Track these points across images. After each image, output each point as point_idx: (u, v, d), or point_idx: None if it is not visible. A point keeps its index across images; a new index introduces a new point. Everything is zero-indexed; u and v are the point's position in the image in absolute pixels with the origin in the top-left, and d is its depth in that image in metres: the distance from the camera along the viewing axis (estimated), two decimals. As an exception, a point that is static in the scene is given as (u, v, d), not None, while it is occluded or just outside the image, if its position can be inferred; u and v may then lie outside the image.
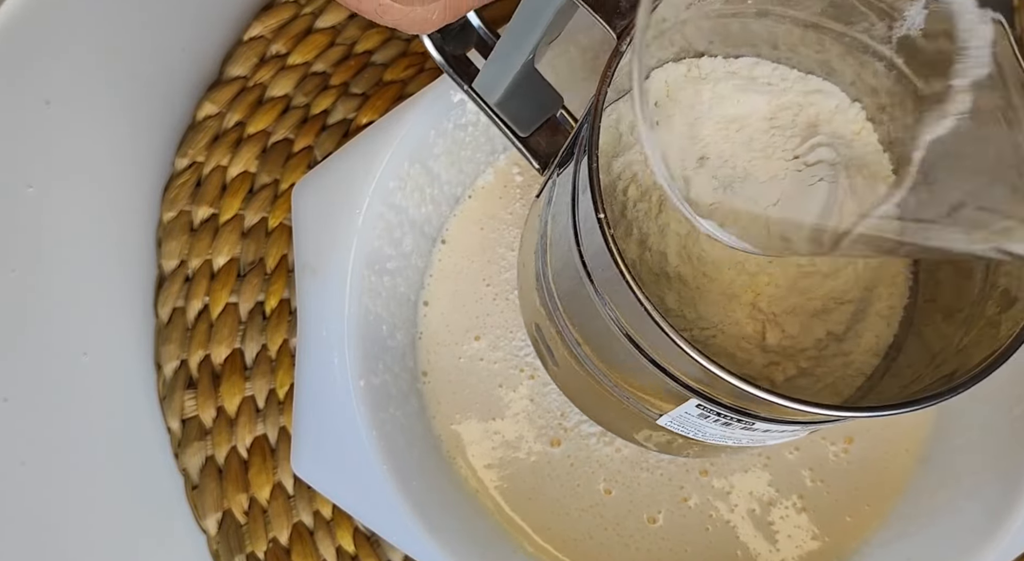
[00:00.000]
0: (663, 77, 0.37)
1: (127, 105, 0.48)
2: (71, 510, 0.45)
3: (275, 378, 0.45)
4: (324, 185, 0.41)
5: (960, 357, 0.31)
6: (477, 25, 0.36)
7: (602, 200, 0.28)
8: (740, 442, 0.34)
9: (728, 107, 0.37)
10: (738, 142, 0.36)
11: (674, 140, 0.36)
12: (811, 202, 0.36)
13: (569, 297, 0.34)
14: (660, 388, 0.32)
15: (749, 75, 0.37)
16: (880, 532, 0.43)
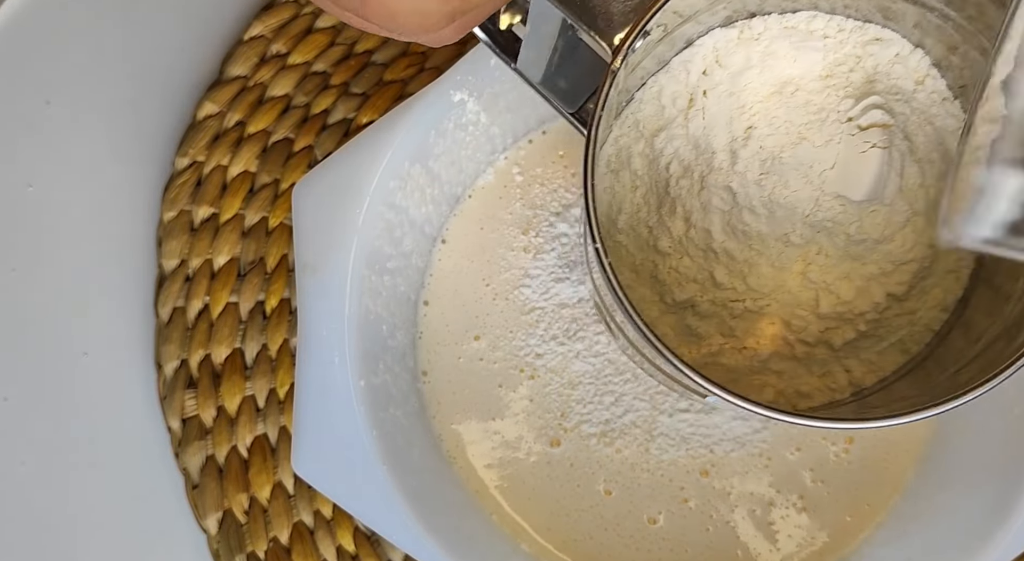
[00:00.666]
0: (711, 43, 0.36)
1: (127, 105, 0.48)
2: (71, 510, 0.45)
3: (275, 378, 0.45)
4: (324, 185, 0.41)
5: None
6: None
7: (599, 228, 0.28)
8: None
9: (783, 67, 0.36)
10: (792, 106, 0.36)
11: (720, 113, 0.36)
12: (866, 167, 0.35)
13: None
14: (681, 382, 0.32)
15: (807, 29, 0.36)
16: (880, 532, 0.43)
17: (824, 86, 0.36)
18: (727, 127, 0.36)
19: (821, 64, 0.36)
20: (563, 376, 0.44)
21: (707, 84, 0.36)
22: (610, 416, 0.43)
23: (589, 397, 0.44)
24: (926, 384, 0.34)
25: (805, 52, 0.36)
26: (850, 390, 0.36)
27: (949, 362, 0.34)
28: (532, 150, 0.46)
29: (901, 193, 0.35)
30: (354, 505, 0.40)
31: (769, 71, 0.36)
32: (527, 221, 0.45)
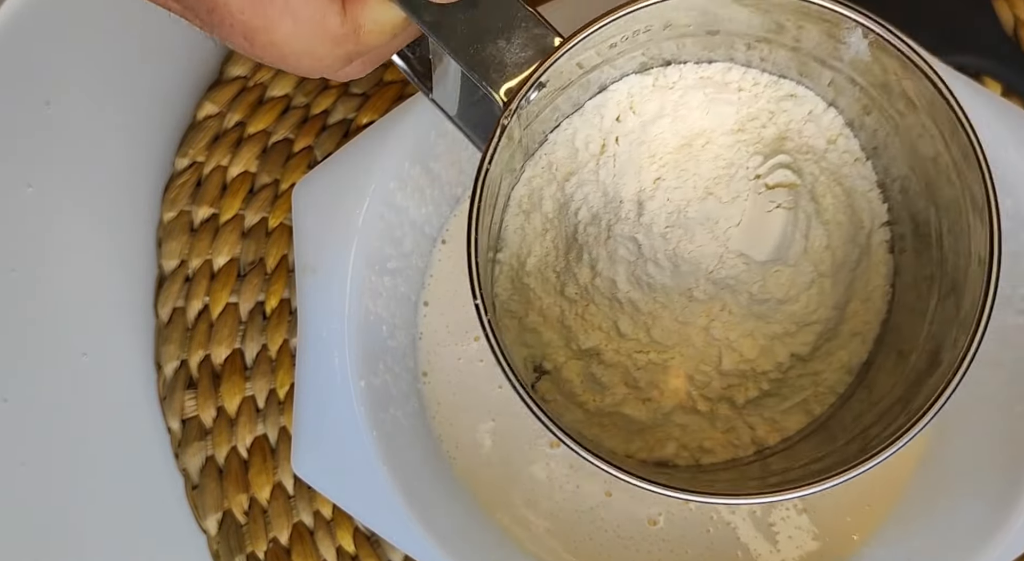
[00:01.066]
0: (626, 89, 0.36)
1: (127, 105, 0.48)
2: (71, 510, 0.45)
3: (275, 378, 0.45)
4: (324, 185, 0.41)
5: (892, 412, 0.31)
6: None
7: (481, 286, 0.27)
8: None
9: (696, 119, 0.36)
10: (702, 159, 0.35)
11: (631, 161, 0.36)
12: (771, 227, 0.35)
13: None
14: None
15: (722, 81, 0.36)
16: (880, 532, 0.42)
17: (735, 141, 0.35)
18: (636, 176, 0.35)
19: (734, 118, 0.35)
20: (563, 376, 0.44)
21: (620, 130, 0.35)
22: (610, 417, 0.43)
23: (589, 398, 0.44)
24: (828, 446, 0.34)
25: (718, 104, 0.35)
26: (753, 448, 0.36)
27: (850, 425, 0.34)
28: (532, 150, 0.46)
29: (806, 254, 0.35)
30: (354, 505, 0.40)
31: (681, 121, 0.35)
32: (527, 221, 0.45)
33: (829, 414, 0.36)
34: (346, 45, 0.28)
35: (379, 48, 0.29)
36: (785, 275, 0.35)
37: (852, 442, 0.32)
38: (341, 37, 0.27)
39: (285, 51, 0.27)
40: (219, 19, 0.26)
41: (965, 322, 0.29)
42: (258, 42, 0.27)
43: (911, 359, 0.33)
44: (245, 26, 0.26)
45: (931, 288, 0.33)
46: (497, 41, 0.28)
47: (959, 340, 0.29)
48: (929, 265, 0.33)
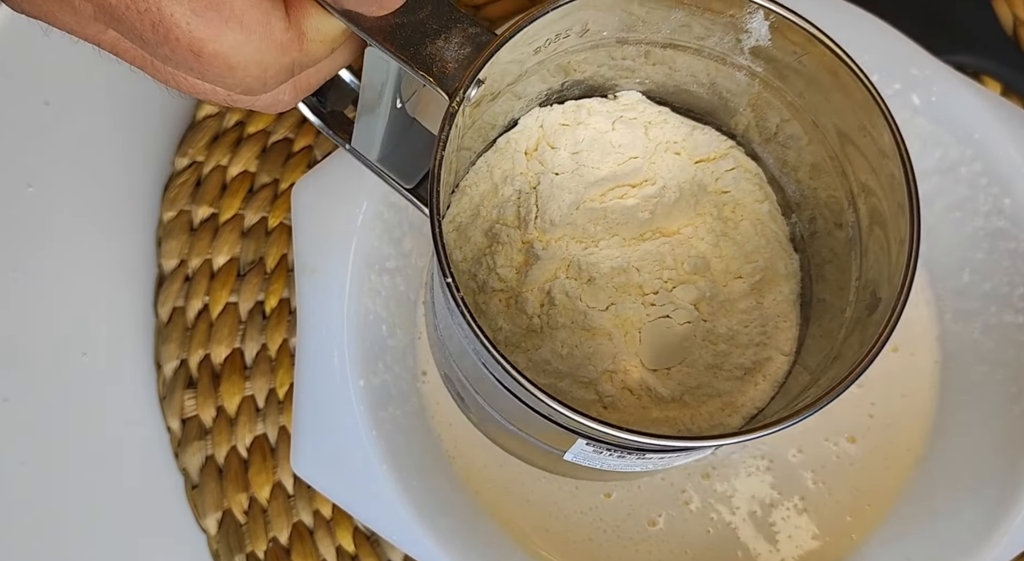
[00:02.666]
0: (536, 123, 0.36)
1: (127, 105, 0.48)
2: (71, 510, 0.45)
3: (275, 378, 0.45)
4: (324, 185, 0.41)
5: (837, 366, 0.31)
6: (349, 80, 0.35)
7: (450, 266, 0.28)
8: (646, 467, 0.34)
9: (602, 156, 0.36)
10: (611, 197, 0.37)
11: (547, 195, 0.36)
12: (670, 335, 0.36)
13: (457, 350, 0.34)
14: (551, 430, 0.32)
15: (628, 116, 0.37)
16: (880, 531, 0.42)
17: (641, 179, 0.37)
18: (550, 212, 0.36)
19: (640, 150, 0.37)
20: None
21: (535, 167, 0.36)
22: (610, 417, 0.43)
23: (589, 397, 0.44)
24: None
25: (625, 136, 0.36)
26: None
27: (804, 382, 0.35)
28: (532, 150, 0.46)
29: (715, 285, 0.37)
30: (354, 505, 0.40)
31: (591, 156, 0.36)
32: (527, 221, 0.45)
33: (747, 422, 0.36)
34: (291, 52, 0.27)
35: (319, 60, 0.29)
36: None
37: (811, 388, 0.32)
38: (286, 43, 0.27)
39: (232, 61, 0.26)
40: (163, 34, 0.26)
41: (895, 262, 0.30)
42: (205, 53, 0.26)
43: (840, 321, 0.34)
44: (191, 37, 0.25)
45: (849, 255, 0.34)
46: (436, 41, 0.29)
47: (893, 278, 0.30)
48: (843, 233, 0.34)
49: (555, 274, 0.36)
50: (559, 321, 0.35)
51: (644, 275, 0.36)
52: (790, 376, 0.36)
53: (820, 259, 0.36)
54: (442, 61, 0.29)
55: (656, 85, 0.36)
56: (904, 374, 0.44)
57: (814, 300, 0.36)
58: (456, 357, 0.36)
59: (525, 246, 0.36)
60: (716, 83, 0.35)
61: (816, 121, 0.33)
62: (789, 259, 0.37)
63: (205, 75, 0.27)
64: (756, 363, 0.36)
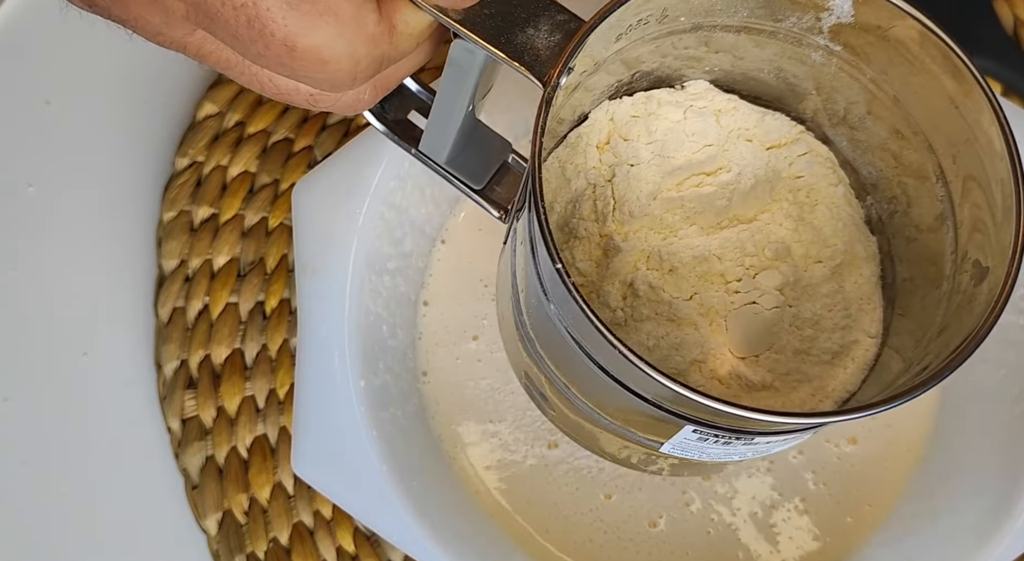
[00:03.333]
0: (606, 116, 0.36)
1: (127, 104, 0.48)
2: (71, 510, 0.45)
3: (275, 378, 0.45)
4: (324, 185, 0.41)
5: (940, 342, 0.31)
6: (415, 89, 0.36)
7: (557, 250, 0.28)
8: (745, 456, 0.34)
9: (677, 146, 0.36)
10: (688, 185, 0.37)
11: (620, 191, 0.36)
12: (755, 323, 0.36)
13: (548, 343, 0.34)
14: (655, 420, 0.32)
15: (698, 105, 0.37)
16: (880, 532, 0.42)
17: (715, 168, 0.37)
18: (625, 206, 0.36)
19: (714, 139, 0.37)
20: (563, 377, 0.44)
21: (607, 159, 0.36)
22: (611, 417, 0.43)
23: (589, 398, 0.44)
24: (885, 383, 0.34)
25: (696, 126, 0.36)
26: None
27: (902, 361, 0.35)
28: (532, 150, 0.46)
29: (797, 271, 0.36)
30: (354, 505, 0.40)
31: (664, 148, 0.36)
32: (527, 221, 0.45)
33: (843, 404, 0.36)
34: (381, 45, 0.28)
35: (405, 54, 0.29)
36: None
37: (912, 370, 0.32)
38: (377, 36, 0.27)
39: (325, 55, 0.26)
40: (259, 29, 0.26)
41: (1000, 235, 0.30)
42: (299, 47, 0.26)
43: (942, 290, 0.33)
44: (286, 31, 0.26)
45: (940, 230, 0.34)
46: (526, 29, 0.29)
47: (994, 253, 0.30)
48: (932, 208, 0.34)
49: (636, 266, 0.36)
50: (643, 313, 0.35)
51: (726, 263, 0.36)
52: (880, 359, 0.35)
53: (902, 238, 0.36)
54: (533, 49, 0.29)
55: (722, 73, 0.36)
56: (904, 374, 0.44)
57: (897, 281, 0.36)
58: (547, 351, 0.35)
59: (603, 240, 0.36)
60: (783, 68, 0.35)
61: (899, 97, 0.33)
62: (867, 241, 0.36)
63: (296, 71, 0.27)
64: (843, 347, 0.35)
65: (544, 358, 0.35)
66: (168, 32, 0.28)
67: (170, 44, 0.28)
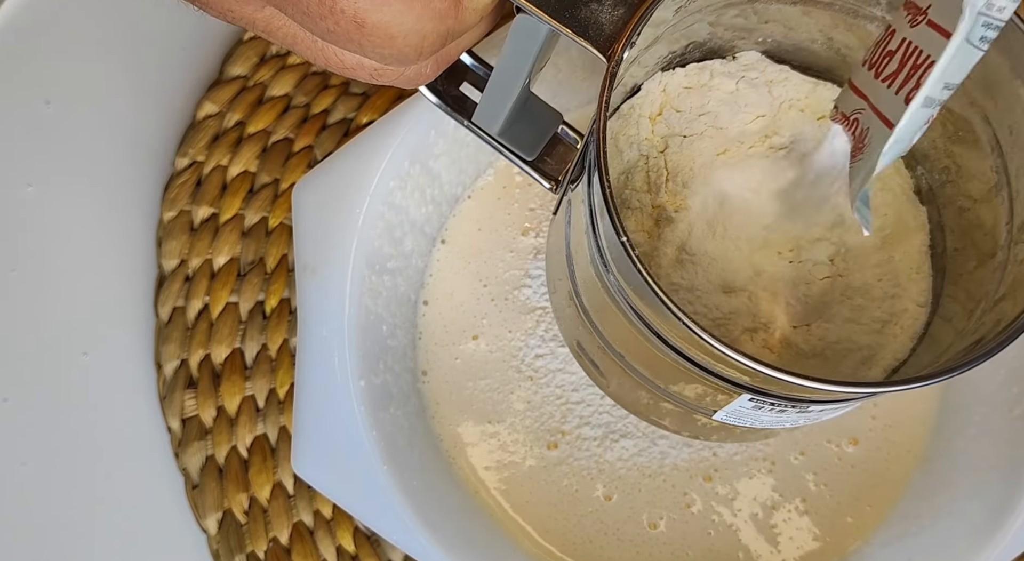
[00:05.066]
0: (659, 87, 0.36)
1: (127, 105, 0.48)
2: (71, 510, 0.45)
3: (275, 378, 0.45)
4: (324, 185, 0.41)
5: (996, 312, 0.31)
6: (469, 62, 0.36)
7: (622, 224, 0.28)
8: (797, 423, 0.34)
9: (730, 116, 0.36)
10: (738, 156, 0.36)
11: (674, 162, 0.36)
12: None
13: (604, 314, 0.34)
14: (712, 389, 0.32)
15: (749, 76, 0.37)
16: (881, 532, 0.42)
17: (769, 134, 0.37)
18: (681, 176, 0.36)
19: (767, 109, 0.37)
20: (563, 377, 0.44)
21: (660, 131, 0.36)
22: (611, 418, 0.43)
23: (590, 399, 0.44)
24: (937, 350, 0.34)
25: (748, 98, 0.36)
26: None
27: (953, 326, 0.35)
28: (532, 150, 0.46)
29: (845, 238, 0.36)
30: (354, 505, 0.40)
31: (717, 119, 0.36)
32: (527, 221, 0.45)
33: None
34: (447, 20, 0.28)
35: (469, 29, 0.29)
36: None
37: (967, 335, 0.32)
38: (444, 11, 0.27)
39: (394, 30, 0.27)
40: (329, 7, 0.26)
41: None
42: (369, 23, 0.26)
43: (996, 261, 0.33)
44: (356, 8, 0.26)
45: (995, 200, 0.33)
46: (589, 4, 0.30)
47: None
48: (986, 179, 0.34)
49: (689, 236, 0.36)
50: (696, 283, 0.35)
51: (778, 233, 0.36)
52: (930, 328, 0.35)
53: (954, 209, 0.36)
54: (597, 23, 0.29)
55: (774, 44, 0.36)
56: (905, 374, 0.44)
57: (948, 250, 0.36)
58: (601, 321, 0.35)
59: (656, 210, 0.36)
60: (833, 39, 0.35)
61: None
62: (917, 211, 0.37)
63: (364, 47, 0.27)
64: (892, 316, 0.35)
65: (598, 327, 0.35)
66: (238, 9, 0.28)
67: (238, 20, 0.29)
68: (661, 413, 0.38)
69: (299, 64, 0.48)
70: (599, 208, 0.29)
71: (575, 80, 0.44)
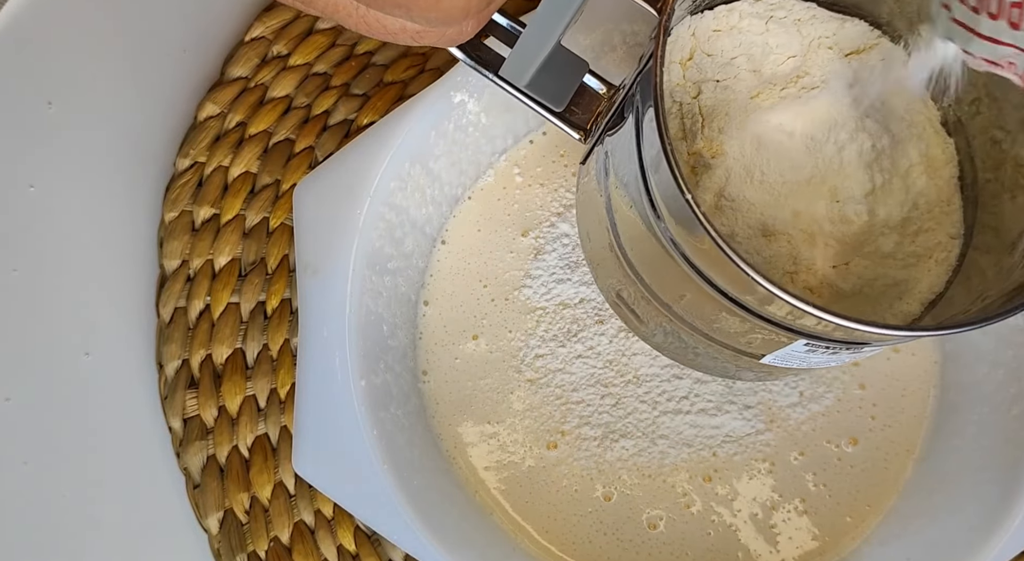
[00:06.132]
0: (688, 32, 0.36)
1: (129, 105, 0.48)
2: (73, 509, 0.45)
3: (276, 378, 0.46)
4: (325, 185, 0.41)
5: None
6: (500, 20, 0.36)
7: (686, 182, 0.27)
8: (844, 361, 0.34)
9: (764, 57, 0.36)
10: (775, 97, 0.36)
11: (716, 106, 0.36)
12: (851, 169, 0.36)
13: (652, 264, 0.34)
14: (766, 335, 0.32)
15: (777, 16, 0.36)
16: (880, 531, 0.42)
17: (801, 74, 0.36)
18: (721, 120, 0.36)
19: (797, 49, 0.36)
20: (563, 377, 0.44)
21: (693, 75, 0.36)
22: (611, 418, 0.43)
23: (589, 399, 0.44)
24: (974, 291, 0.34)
25: (779, 37, 0.36)
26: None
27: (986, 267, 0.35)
28: (532, 151, 0.46)
29: (887, 188, 0.36)
30: (355, 505, 0.40)
31: (751, 61, 0.36)
32: (528, 222, 0.45)
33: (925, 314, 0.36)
34: None
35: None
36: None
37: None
38: None
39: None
40: None
41: None
42: None
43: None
44: None
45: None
46: None
47: None
48: (1021, 100, 0.33)
49: (728, 181, 0.35)
50: (736, 228, 0.35)
51: (815, 172, 0.36)
52: (967, 259, 0.35)
53: (986, 139, 0.35)
54: None
55: None
56: (904, 374, 0.44)
57: (979, 181, 0.36)
58: (647, 272, 0.35)
59: (693, 157, 0.36)
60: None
61: None
62: (945, 143, 0.36)
63: (412, 10, 0.27)
64: (927, 249, 0.35)
65: (644, 278, 0.35)
66: None
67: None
68: (702, 359, 0.37)
69: (300, 65, 0.48)
70: (652, 163, 0.29)
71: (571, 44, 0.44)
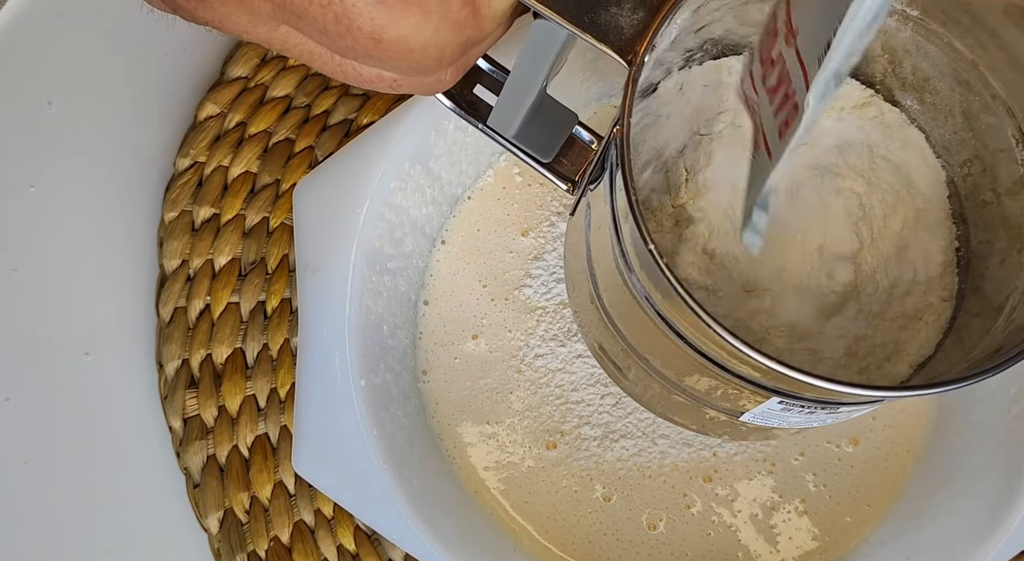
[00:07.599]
0: (675, 87, 0.36)
1: (129, 105, 0.48)
2: (73, 509, 0.45)
3: (276, 377, 0.46)
4: (325, 185, 0.41)
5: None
6: (484, 66, 0.36)
7: (650, 232, 0.28)
8: (825, 422, 0.34)
9: None
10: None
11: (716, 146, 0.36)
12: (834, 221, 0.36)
13: (627, 316, 0.34)
14: (740, 392, 0.32)
15: None
16: (880, 531, 0.42)
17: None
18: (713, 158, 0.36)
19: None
20: (563, 377, 0.44)
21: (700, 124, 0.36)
22: (611, 418, 0.43)
23: (589, 399, 0.44)
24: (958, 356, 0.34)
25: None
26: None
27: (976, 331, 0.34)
28: (532, 151, 0.46)
29: (872, 238, 0.36)
30: (355, 504, 0.40)
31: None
32: (528, 222, 0.45)
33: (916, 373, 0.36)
34: (466, 30, 0.28)
35: (488, 37, 0.29)
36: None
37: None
38: (462, 21, 0.27)
39: (412, 44, 0.27)
40: (346, 25, 0.26)
41: None
42: (387, 39, 0.26)
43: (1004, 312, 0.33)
44: (373, 24, 0.26)
45: (1021, 193, 0.33)
46: (609, 8, 0.29)
47: None
48: (1012, 171, 0.34)
49: (710, 236, 0.35)
50: (719, 283, 0.35)
51: (802, 229, 0.36)
52: (958, 322, 0.35)
53: (977, 202, 0.35)
54: (617, 28, 0.29)
55: None
56: (904, 375, 0.44)
57: (972, 243, 0.36)
58: (624, 324, 0.35)
59: (676, 210, 0.36)
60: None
61: (977, 61, 0.33)
62: (941, 204, 0.36)
63: (383, 61, 0.27)
64: (917, 311, 0.35)
65: (621, 330, 0.35)
66: (253, 30, 0.28)
67: (254, 39, 0.29)
68: (685, 414, 0.37)
69: (300, 65, 0.48)
70: (623, 213, 0.29)
71: (574, 82, 0.44)
